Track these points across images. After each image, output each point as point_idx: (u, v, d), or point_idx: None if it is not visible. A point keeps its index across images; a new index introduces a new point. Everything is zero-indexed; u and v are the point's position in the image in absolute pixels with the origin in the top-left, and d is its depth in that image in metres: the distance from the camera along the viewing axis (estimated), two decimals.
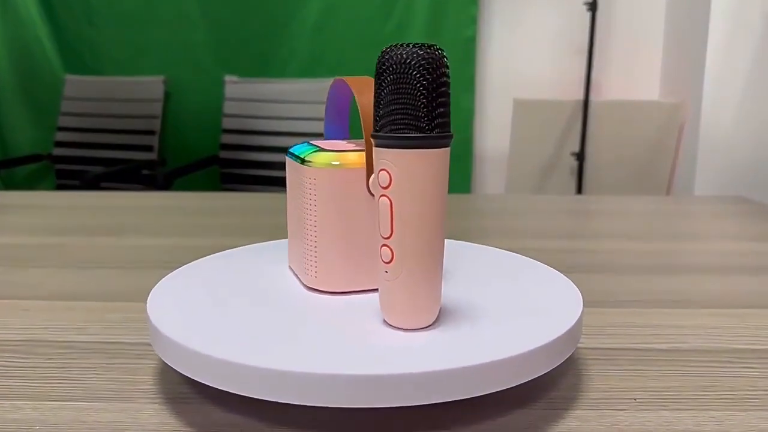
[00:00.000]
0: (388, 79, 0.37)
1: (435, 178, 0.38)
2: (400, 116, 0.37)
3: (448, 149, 0.38)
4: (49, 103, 2.59)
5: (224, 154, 2.45)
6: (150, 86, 2.50)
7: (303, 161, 0.46)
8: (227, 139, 2.45)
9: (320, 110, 2.35)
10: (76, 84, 2.55)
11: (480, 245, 0.60)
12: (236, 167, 2.45)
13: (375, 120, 0.39)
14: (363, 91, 0.45)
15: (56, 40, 2.60)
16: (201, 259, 0.55)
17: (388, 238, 0.39)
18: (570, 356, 0.48)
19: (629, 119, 2.44)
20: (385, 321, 0.41)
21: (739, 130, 2.15)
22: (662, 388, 0.44)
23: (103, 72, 2.58)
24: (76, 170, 2.50)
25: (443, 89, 0.37)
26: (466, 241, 0.83)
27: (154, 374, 0.46)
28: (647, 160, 2.42)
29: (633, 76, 2.54)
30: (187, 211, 1.01)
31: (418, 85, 0.36)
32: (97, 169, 2.44)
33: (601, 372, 0.46)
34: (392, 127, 0.37)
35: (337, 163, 0.45)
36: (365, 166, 0.45)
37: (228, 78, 2.47)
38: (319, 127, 2.35)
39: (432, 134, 0.37)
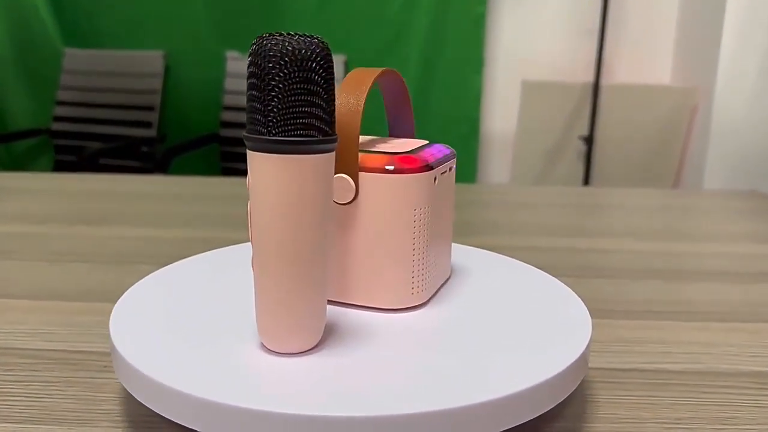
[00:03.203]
0: (250, 71, 0.32)
1: (290, 186, 0.33)
2: (252, 114, 0.33)
3: (305, 156, 0.33)
4: (47, 77, 2.54)
5: (225, 132, 2.40)
6: (150, 60, 2.45)
7: None
8: (228, 116, 2.40)
9: None
10: (75, 57, 2.50)
11: (475, 248, 0.56)
12: (237, 145, 2.40)
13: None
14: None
15: (55, 12, 2.54)
16: (186, 259, 0.51)
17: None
18: None
19: (639, 103, 2.38)
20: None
21: (753, 118, 2.09)
22: (675, 419, 0.40)
23: (103, 45, 2.53)
24: (75, 146, 2.46)
25: (309, 87, 0.32)
26: (466, 235, 0.79)
27: (118, 392, 0.42)
28: (657, 146, 2.36)
29: (644, 59, 2.47)
30: (184, 198, 0.97)
31: (271, 80, 0.31)
32: (96, 145, 2.40)
33: (609, 398, 0.42)
34: (248, 125, 0.33)
35: None
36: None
37: (230, 54, 2.41)
38: None
39: (278, 138, 0.32)
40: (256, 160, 0.33)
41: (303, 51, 0.32)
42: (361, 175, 0.40)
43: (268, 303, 0.35)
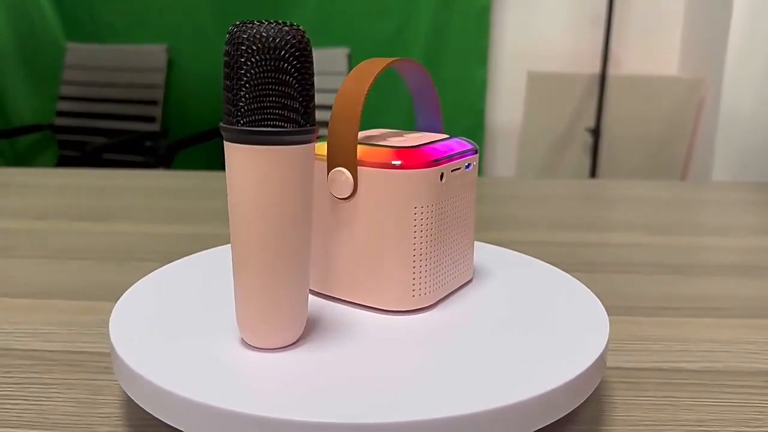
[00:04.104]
0: (224, 59, 0.32)
1: (262, 178, 0.32)
2: (225, 103, 0.32)
3: (276, 148, 0.32)
4: (50, 72, 2.53)
5: None
6: (153, 54, 2.43)
7: None
8: None
9: (327, 82, 2.28)
10: (77, 52, 2.48)
11: (482, 244, 0.54)
12: None
13: None
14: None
15: (57, 6, 2.52)
16: (190, 256, 0.50)
17: None
18: None
19: (647, 94, 2.35)
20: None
21: (761, 108, 2.07)
22: (696, 421, 0.39)
23: (106, 40, 2.51)
24: (79, 141, 2.45)
25: (279, 76, 0.31)
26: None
27: (119, 394, 0.41)
28: (664, 137, 2.34)
29: (652, 50, 2.44)
30: (188, 192, 0.96)
31: (239, 68, 0.31)
32: (99, 140, 2.39)
33: (625, 400, 0.41)
34: (223, 114, 0.33)
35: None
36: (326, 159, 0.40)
37: None
38: (325, 99, 2.29)
39: (247, 128, 0.31)
40: (228, 150, 0.33)
41: (274, 39, 0.31)
42: (361, 169, 0.38)
43: (244, 297, 0.34)
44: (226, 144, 0.33)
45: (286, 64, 0.31)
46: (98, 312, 0.53)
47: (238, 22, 0.31)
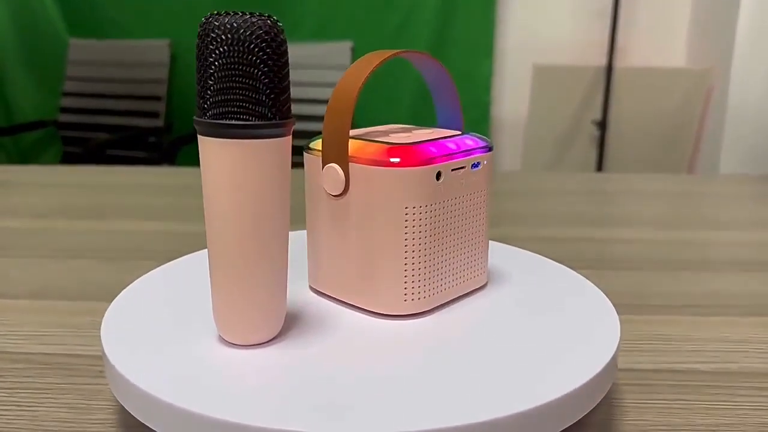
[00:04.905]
0: (195, 52, 0.31)
1: (230, 172, 0.31)
2: (197, 96, 0.32)
3: (244, 141, 0.31)
4: (53, 68, 2.52)
5: None
6: (156, 50, 2.42)
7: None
8: None
9: (333, 75, 2.26)
10: (80, 48, 2.47)
11: (491, 241, 0.53)
12: None
13: None
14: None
15: (60, 2, 2.51)
16: (189, 255, 0.49)
17: None
18: None
19: (654, 86, 2.33)
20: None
21: None
22: (712, 426, 0.37)
23: (108, 35, 2.50)
24: (82, 137, 2.44)
25: (247, 69, 0.30)
26: None
27: (112, 399, 0.40)
28: (671, 129, 2.32)
29: (659, 41, 2.42)
30: (191, 189, 0.95)
31: (206, 60, 0.30)
32: (103, 136, 2.38)
33: (637, 403, 0.39)
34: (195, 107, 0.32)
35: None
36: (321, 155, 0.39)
37: None
38: (329, 93, 2.27)
39: (212, 120, 0.31)
40: (199, 143, 0.32)
41: (242, 31, 0.30)
42: (353, 166, 0.37)
43: (217, 294, 0.34)
44: (198, 137, 0.32)
45: (252, 57, 0.30)
46: (95, 313, 0.52)
47: (212, 13, 0.31)
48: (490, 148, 0.40)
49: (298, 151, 0.39)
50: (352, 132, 0.40)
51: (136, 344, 0.35)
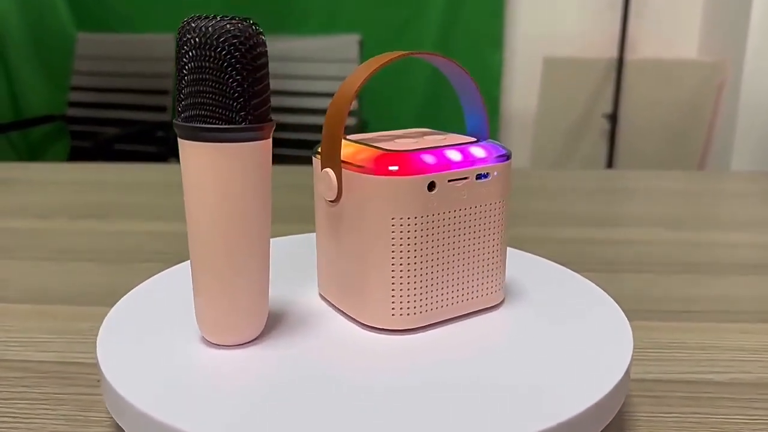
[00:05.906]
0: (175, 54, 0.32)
1: (205, 174, 0.32)
2: (176, 99, 0.32)
3: (217, 145, 0.31)
4: (61, 63, 2.51)
5: None
6: (163, 44, 2.41)
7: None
8: None
9: (340, 69, 2.24)
10: (88, 42, 2.47)
11: None
12: None
13: None
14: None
15: None
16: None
17: None
18: None
19: (665, 79, 2.30)
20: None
21: None
22: None
23: (116, 29, 2.49)
24: (91, 132, 2.44)
25: (217, 73, 0.30)
26: None
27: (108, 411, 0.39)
28: (683, 122, 2.29)
29: (670, 33, 2.38)
30: None
31: (179, 62, 0.31)
32: (111, 130, 2.38)
33: (650, 416, 0.38)
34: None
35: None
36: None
37: None
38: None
39: (183, 123, 0.32)
40: (179, 144, 0.33)
41: (212, 35, 0.30)
42: (345, 172, 0.36)
43: (198, 294, 0.35)
44: (179, 141, 0.32)
45: (221, 62, 0.30)
46: (96, 318, 0.50)
47: (191, 16, 0.31)
48: (507, 157, 0.38)
49: (307, 146, 0.39)
50: (361, 136, 0.39)
51: (133, 356, 0.34)
